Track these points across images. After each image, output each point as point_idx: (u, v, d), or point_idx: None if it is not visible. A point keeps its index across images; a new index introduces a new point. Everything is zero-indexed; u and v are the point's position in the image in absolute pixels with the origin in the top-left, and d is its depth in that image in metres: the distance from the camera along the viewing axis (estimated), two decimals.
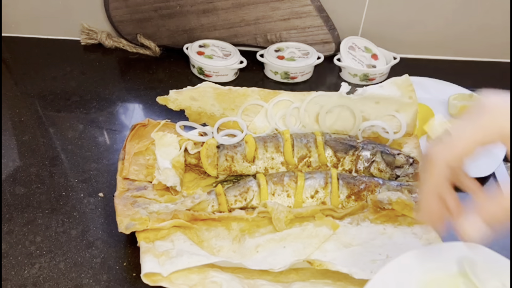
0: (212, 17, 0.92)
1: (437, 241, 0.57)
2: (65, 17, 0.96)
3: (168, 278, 0.50)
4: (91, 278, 0.55)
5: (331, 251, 0.56)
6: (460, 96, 0.82)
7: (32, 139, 0.74)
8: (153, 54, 0.95)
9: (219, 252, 0.56)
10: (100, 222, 0.61)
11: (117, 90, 0.86)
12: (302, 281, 0.53)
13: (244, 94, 0.72)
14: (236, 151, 0.67)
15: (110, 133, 0.76)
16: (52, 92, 0.84)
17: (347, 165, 0.67)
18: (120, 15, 0.93)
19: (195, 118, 0.73)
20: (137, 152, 0.67)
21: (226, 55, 0.90)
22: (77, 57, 0.94)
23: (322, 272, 0.53)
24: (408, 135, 0.72)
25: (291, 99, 0.73)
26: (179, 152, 0.66)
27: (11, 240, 0.58)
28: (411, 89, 0.71)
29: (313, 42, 0.95)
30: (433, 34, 0.97)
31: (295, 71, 0.89)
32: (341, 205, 0.62)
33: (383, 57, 0.93)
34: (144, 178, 0.65)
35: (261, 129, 0.73)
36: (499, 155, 0.73)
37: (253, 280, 0.53)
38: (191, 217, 0.58)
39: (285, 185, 0.62)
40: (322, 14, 0.92)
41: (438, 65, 0.98)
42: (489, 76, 0.96)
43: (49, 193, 0.65)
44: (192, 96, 0.71)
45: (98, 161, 0.71)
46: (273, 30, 0.94)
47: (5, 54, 0.94)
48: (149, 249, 0.53)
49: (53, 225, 0.61)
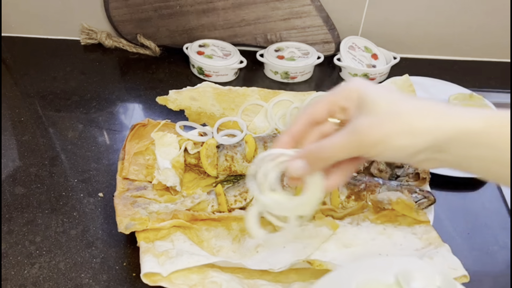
0: (212, 17, 0.92)
1: (437, 241, 0.57)
2: (65, 17, 0.96)
3: (168, 278, 0.50)
4: (91, 278, 0.55)
5: (331, 251, 0.56)
6: (460, 96, 0.82)
7: (32, 139, 0.74)
8: (153, 54, 0.95)
9: (219, 252, 0.56)
10: (100, 222, 0.61)
11: (117, 90, 0.86)
12: (302, 281, 0.53)
13: (244, 94, 0.72)
14: (236, 151, 0.67)
15: (110, 133, 0.76)
16: (52, 92, 0.84)
17: None
18: (120, 15, 0.93)
19: (195, 118, 0.73)
20: (137, 152, 0.67)
21: (226, 55, 0.90)
22: (77, 57, 0.94)
23: (322, 272, 0.53)
24: None
25: (291, 99, 0.73)
26: (179, 152, 0.66)
27: (11, 240, 0.58)
28: (411, 89, 0.71)
29: (313, 42, 0.95)
30: (433, 34, 0.97)
31: (295, 71, 0.89)
32: (341, 205, 0.62)
33: (383, 57, 0.93)
34: (144, 178, 0.65)
35: (261, 129, 0.73)
36: None
37: (253, 280, 0.53)
38: (191, 217, 0.58)
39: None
40: (322, 14, 0.92)
41: (438, 65, 0.98)
42: (489, 76, 0.96)
43: (49, 193, 0.65)
44: (192, 96, 0.71)
45: (98, 161, 0.71)
46: (273, 30, 0.94)
47: (5, 54, 0.94)
48: (149, 249, 0.53)
49: (53, 225, 0.61)
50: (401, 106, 0.37)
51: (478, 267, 0.59)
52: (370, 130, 0.36)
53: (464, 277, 0.50)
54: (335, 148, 0.38)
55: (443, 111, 0.36)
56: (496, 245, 0.62)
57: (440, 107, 0.36)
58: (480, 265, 0.59)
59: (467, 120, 0.35)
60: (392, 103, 0.37)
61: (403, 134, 0.36)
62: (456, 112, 0.36)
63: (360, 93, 0.38)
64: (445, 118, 0.36)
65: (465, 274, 0.50)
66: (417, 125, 0.36)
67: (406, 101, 0.37)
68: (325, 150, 0.39)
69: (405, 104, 0.37)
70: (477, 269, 0.58)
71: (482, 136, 0.35)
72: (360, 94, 0.38)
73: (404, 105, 0.37)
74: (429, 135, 0.35)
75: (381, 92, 0.38)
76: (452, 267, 0.50)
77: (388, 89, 0.39)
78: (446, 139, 0.35)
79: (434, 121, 0.36)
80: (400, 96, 0.38)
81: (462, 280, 0.50)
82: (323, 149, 0.39)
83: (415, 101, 0.37)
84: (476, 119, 0.35)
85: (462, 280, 0.50)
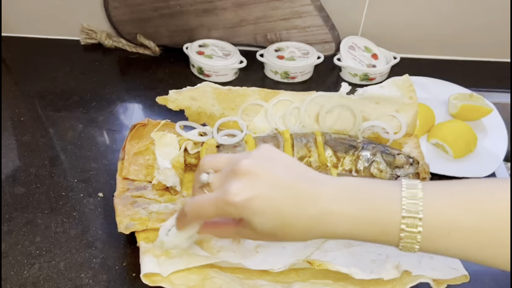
0: (212, 17, 0.92)
1: None
2: (65, 17, 0.96)
3: (167, 278, 0.50)
4: (90, 278, 0.55)
5: (331, 251, 0.56)
6: (460, 96, 0.82)
7: (32, 139, 0.74)
8: (153, 54, 0.95)
9: (219, 252, 0.56)
10: (99, 222, 0.61)
11: (116, 90, 0.86)
12: (302, 281, 0.53)
13: (244, 94, 0.72)
14: (236, 151, 0.67)
15: (110, 133, 0.76)
16: (51, 92, 0.84)
17: (347, 165, 0.67)
18: (119, 15, 0.93)
19: (195, 118, 0.73)
20: (137, 152, 0.67)
21: (226, 55, 0.90)
22: (77, 57, 0.94)
23: (322, 272, 0.53)
24: (408, 135, 0.72)
25: (291, 99, 0.72)
26: (179, 152, 0.65)
27: (11, 240, 0.58)
28: (411, 89, 0.71)
29: (313, 42, 0.95)
30: (433, 34, 0.97)
31: (295, 71, 0.89)
32: None
33: (383, 57, 0.93)
34: (143, 178, 0.64)
35: (261, 129, 0.73)
36: (499, 155, 0.73)
37: (253, 281, 0.53)
38: None
39: None
40: (322, 13, 0.92)
41: (438, 65, 0.98)
42: (489, 76, 0.96)
43: (49, 193, 0.65)
44: (191, 96, 0.71)
45: (98, 161, 0.71)
46: (273, 30, 0.94)
47: (5, 54, 0.94)
48: (149, 249, 0.53)
49: (52, 225, 0.61)
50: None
51: (478, 267, 0.58)
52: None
53: (464, 277, 0.50)
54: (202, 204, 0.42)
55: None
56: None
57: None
58: (480, 265, 0.59)
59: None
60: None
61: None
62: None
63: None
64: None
65: (465, 274, 0.50)
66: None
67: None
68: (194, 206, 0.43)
69: None
70: (477, 269, 0.58)
71: None
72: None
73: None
74: None
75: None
76: (452, 267, 0.50)
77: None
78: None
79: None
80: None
81: (462, 280, 0.50)
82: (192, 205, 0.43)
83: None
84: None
85: (462, 280, 0.50)
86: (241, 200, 0.39)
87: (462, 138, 0.73)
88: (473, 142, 0.74)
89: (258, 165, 0.40)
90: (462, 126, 0.75)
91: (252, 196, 0.39)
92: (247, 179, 0.39)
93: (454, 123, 0.76)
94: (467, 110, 0.79)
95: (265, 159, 0.41)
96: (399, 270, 0.49)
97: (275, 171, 0.40)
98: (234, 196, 0.39)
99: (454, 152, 0.73)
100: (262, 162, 0.41)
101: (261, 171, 0.40)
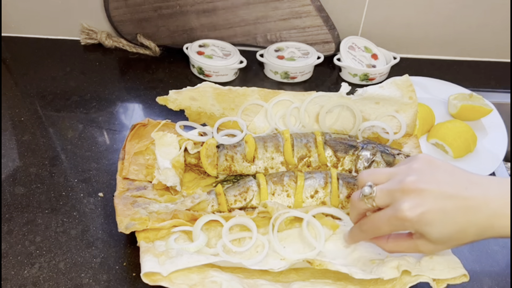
0: (212, 17, 0.92)
1: None
2: (65, 17, 0.96)
3: (168, 278, 0.50)
4: (91, 278, 0.55)
5: (331, 251, 0.56)
6: (460, 96, 0.82)
7: (32, 139, 0.74)
8: (153, 54, 0.95)
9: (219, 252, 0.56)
10: (100, 222, 0.61)
11: (117, 90, 0.86)
12: (302, 281, 0.53)
13: (244, 94, 0.72)
14: (236, 151, 0.67)
15: (110, 133, 0.76)
16: (52, 92, 0.84)
17: (347, 165, 0.67)
18: (120, 15, 0.93)
19: (195, 118, 0.73)
20: (137, 152, 0.67)
21: (226, 55, 0.90)
22: (77, 57, 0.94)
23: (322, 272, 0.53)
24: (408, 135, 0.72)
25: (291, 99, 0.73)
26: (179, 152, 0.66)
27: (11, 240, 0.58)
28: (411, 89, 0.71)
29: (313, 42, 0.95)
30: (433, 34, 0.97)
31: (295, 71, 0.89)
32: (341, 205, 0.62)
33: (383, 57, 0.93)
34: (144, 178, 0.65)
35: (261, 129, 0.73)
36: (499, 155, 0.74)
37: (253, 280, 0.53)
38: (191, 217, 0.58)
39: (285, 185, 0.62)
40: (322, 14, 0.92)
41: (438, 65, 0.98)
42: (489, 76, 0.96)
43: (49, 193, 0.65)
44: (191, 96, 0.71)
45: (98, 161, 0.71)
46: (273, 30, 0.94)
47: (5, 54, 0.94)
48: (149, 249, 0.53)
49: (53, 225, 0.61)
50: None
51: (478, 267, 0.59)
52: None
53: (464, 277, 0.50)
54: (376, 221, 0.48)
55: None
56: (496, 245, 0.62)
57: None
58: (480, 265, 0.59)
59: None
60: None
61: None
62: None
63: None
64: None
65: (465, 273, 0.50)
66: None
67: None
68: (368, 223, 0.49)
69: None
70: (477, 269, 0.58)
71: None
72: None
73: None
74: None
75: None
76: (452, 266, 0.50)
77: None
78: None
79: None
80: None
81: (462, 279, 0.50)
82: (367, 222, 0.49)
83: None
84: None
85: (462, 280, 0.50)
86: (415, 215, 0.43)
87: (462, 138, 0.73)
88: (473, 142, 0.74)
89: (424, 181, 0.44)
90: (462, 126, 0.75)
91: (424, 211, 0.43)
92: (416, 196, 0.44)
93: (454, 123, 0.77)
94: (467, 110, 0.80)
95: (428, 172, 0.45)
96: (398, 270, 0.49)
97: (441, 183, 0.44)
98: (408, 213, 0.44)
99: (454, 152, 0.73)
100: (427, 177, 0.45)
101: (428, 186, 0.44)
